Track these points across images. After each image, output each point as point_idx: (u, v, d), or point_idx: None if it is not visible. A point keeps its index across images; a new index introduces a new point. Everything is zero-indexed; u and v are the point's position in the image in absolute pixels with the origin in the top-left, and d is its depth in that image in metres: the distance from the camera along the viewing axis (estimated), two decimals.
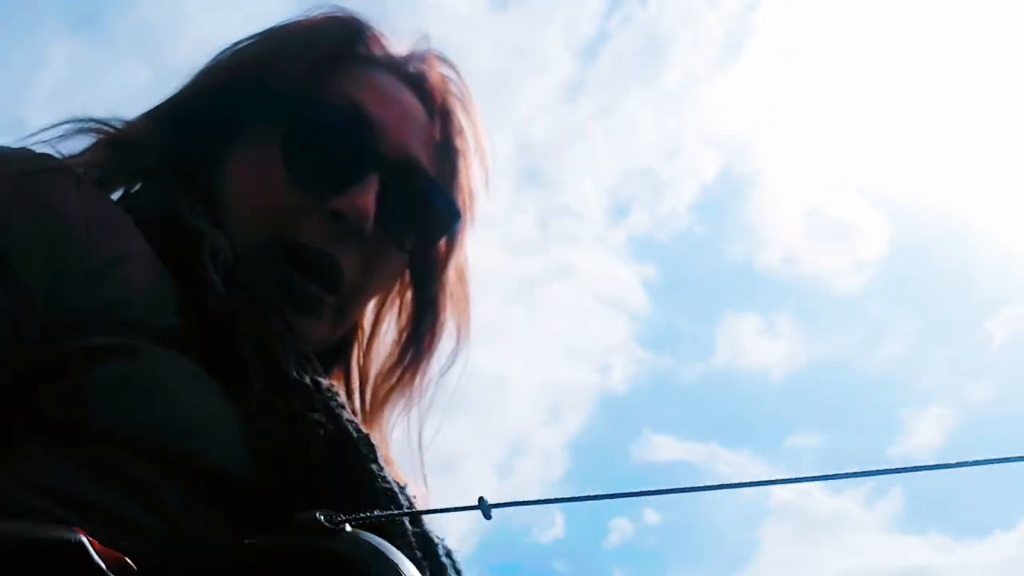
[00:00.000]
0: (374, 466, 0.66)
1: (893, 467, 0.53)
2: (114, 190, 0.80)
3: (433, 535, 0.67)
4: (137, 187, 0.80)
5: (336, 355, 0.88)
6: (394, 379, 0.90)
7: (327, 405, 0.67)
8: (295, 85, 0.80)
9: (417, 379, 0.90)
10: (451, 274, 0.90)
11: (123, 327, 0.62)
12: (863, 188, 12.34)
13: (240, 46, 0.85)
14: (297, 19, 0.85)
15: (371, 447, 0.67)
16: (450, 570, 0.67)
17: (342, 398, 0.69)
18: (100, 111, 0.85)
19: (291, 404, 0.65)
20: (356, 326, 0.89)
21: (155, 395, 0.60)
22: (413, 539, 0.64)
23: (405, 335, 0.91)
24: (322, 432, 0.64)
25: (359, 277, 0.80)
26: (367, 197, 0.78)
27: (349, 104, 0.80)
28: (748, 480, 0.53)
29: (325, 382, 0.70)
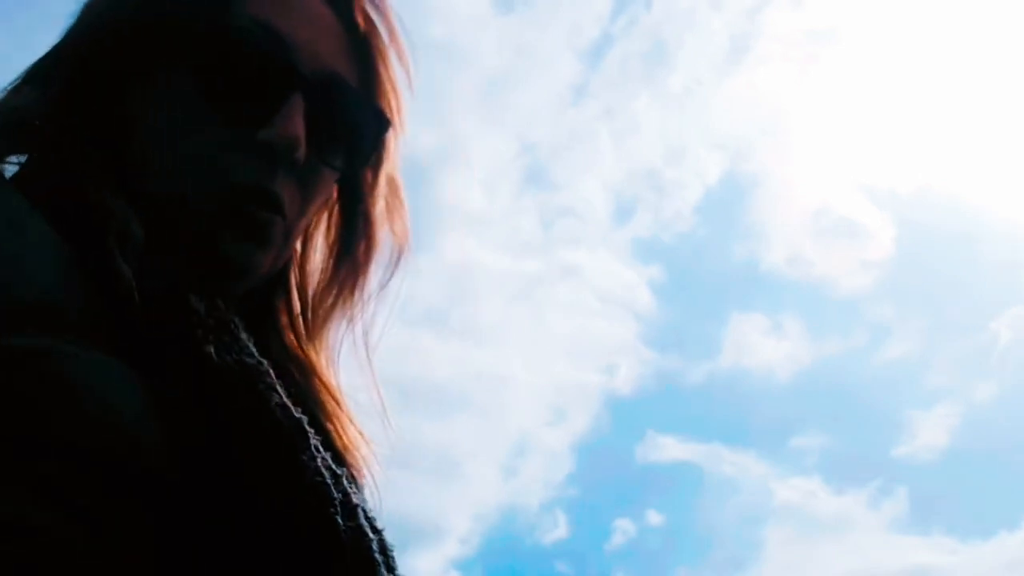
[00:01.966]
0: (304, 456, 0.62)
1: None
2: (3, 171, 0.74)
3: (368, 529, 0.64)
4: (32, 165, 0.74)
5: (276, 284, 0.83)
6: (331, 297, 0.86)
7: (254, 390, 0.64)
8: (198, 15, 0.75)
9: (356, 294, 0.86)
10: (383, 183, 0.86)
11: (35, 326, 0.59)
12: (868, 189, 12.32)
13: None
14: None
15: (303, 434, 0.63)
16: (382, 568, 0.63)
17: (271, 378, 0.66)
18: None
19: (213, 395, 0.62)
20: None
21: (72, 395, 0.57)
22: (345, 534, 0.61)
23: (337, 250, 0.86)
24: (247, 422, 0.62)
25: (295, 204, 0.76)
26: (295, 122, 0.73)
27: (257, 25, 0.75)
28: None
29: (252, 361, 0.66)
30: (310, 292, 0.86)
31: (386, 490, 0.82)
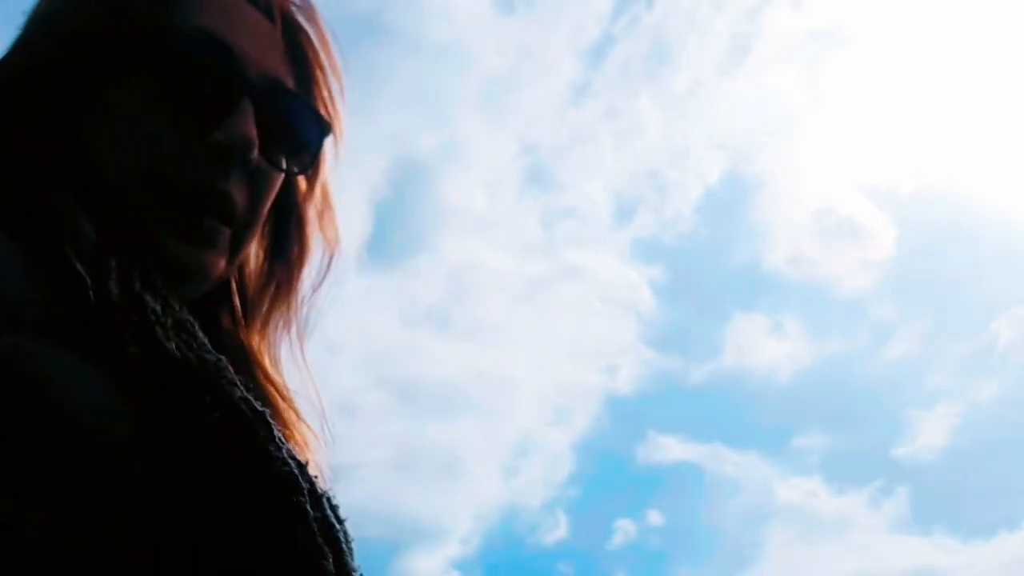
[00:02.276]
0: (271, 447, 0.63)
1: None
2: None
3: (333, 517, 0.65)
4: None
5: (218, 287, 0.83)
6: (268, 299, 0.88)
7: (215, 384, 0.64)
8: (141, 24, 0.76)
9: (291, 296, 0.88)
10: (317, 188, 0.88)
11: (1, 329, 0.59)
12: (870, 189, 12.33)
13: None
14: None
15: (267, 426, 0.64)
16: (348, 556, 0.64)
17: (231, 373, 0.66)
18: None
19: (177, 389, 0.62)
20: None
21: (40, 392, 0.58)
22: (315, 524, 0.62)
23: (271, 253, 0.88)
24: (214, 415, 0.62)
25: (248, 206, 0.78)
26: (247, 124, 0.75)
27: (203, 34, 0.77)
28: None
29: (212, 357, 0.67)
30: (249, 294, 0.88)
31: (387, 491, 0.83)
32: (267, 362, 0.85)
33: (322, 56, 0.85)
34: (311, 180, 0.87)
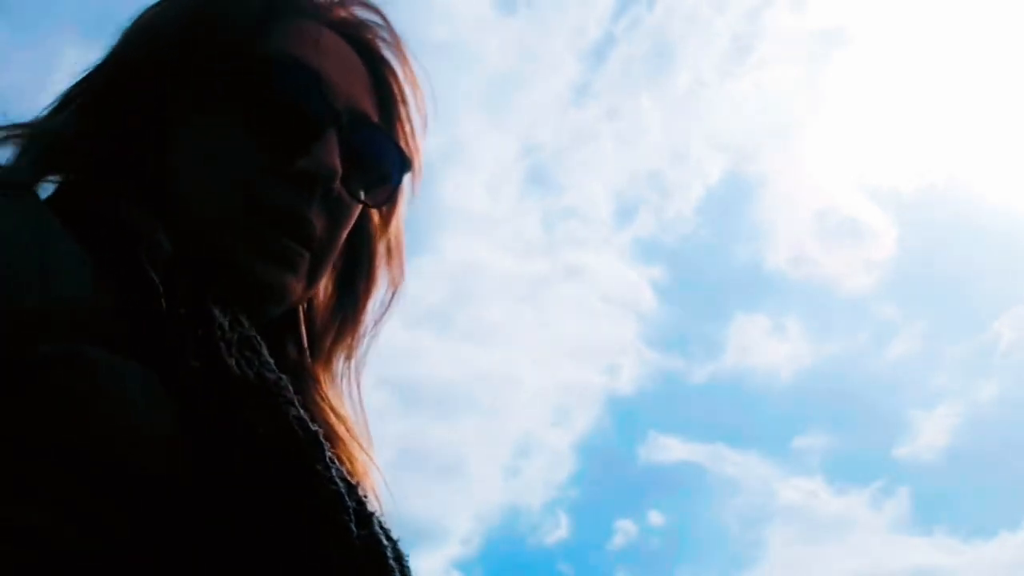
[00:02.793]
0: (319, 466, 0.63)
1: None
2: (37, 192, 0.76)
3: (383, 536, 0.65)
4: (62, 186, 0.76)
5: (290, 318, 0.85)
6: (333, 330, 0.88)
7: (271, 403, 0.64)
8: (240, 46, 0.77)
9: (356, 330, 0.89)
10: (392, 224, 0.89)
11: (64, 336, 0.60)
12: (871, 189, 12.32)
13: (157, 12, 0.82)
14: None
15: (318, 445, 0.64)
16: (394, 573, 0.63)
17: (290, 392, 0.67)
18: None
19: (230, 404, 0.63)
20: None
21: (101, 405, 0.58)
22: (358, 541, 0.62)
23: (339, 284, 0.89)
24: (260, 432, 0.62)
25: (326, 234, 0.79)
26: (332, 155, 0.76)
27: (296, 62, 0.78)
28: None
29: (273, 376, 0.67)
30: (316, 325, 0.88)
31: (389, 491, 0.84)
32: (329, 391, 0.85)
33: (406, 91, 0.86)
34: (386, 215, 0.88)
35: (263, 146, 0.75)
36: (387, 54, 0.85)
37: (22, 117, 0.77)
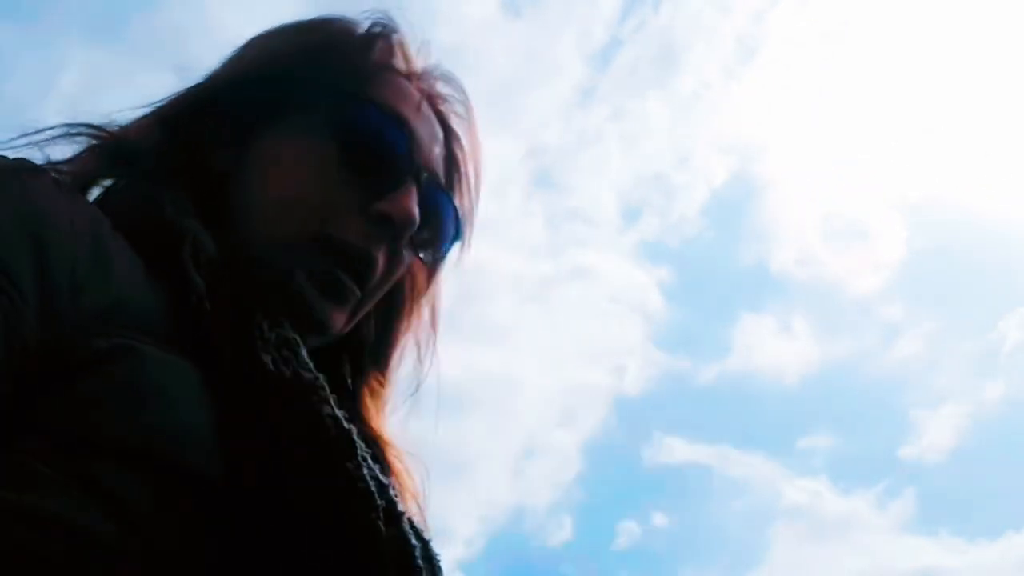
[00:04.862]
0: (350, 464, 0.64)
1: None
2: (93, 192, 0.78)
3: (412, 535, 0.65)
4: (119, 187, 0.78)
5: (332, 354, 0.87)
6: (368, 368, 0.92)
7: (304, 399, 0.66)
8: (346, 84, 0.82)
9: (385, 370, 0.93)
10: (433, 287, 0.93)
11: (117, 330, 0.61)
12: (879, 190, 12.31)
13: (274, 38, 0.87)
14: (337, 18, 0.88)
15: (351, 443, 0.65)
16: (421, 572, 0.63)
17: (326, 392, 0.68)
18: (119, 117, 0.83)
19: (264, 401, 0.64)
20: None
21: (148, 400, 0.60)
22: (386, 539, 0.62)
23: (379, 327, 0.93)
24: (296, 428, 0.63)
25: (381, 277, 0.82)
26: (412, 204, 0.80)
27: (392, 112, 0.82)
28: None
29: (310, 376, 0.68)
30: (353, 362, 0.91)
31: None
32: (375, 417, 0.89)
33: (471, 168, 0.91)
34: (431, 273, 0.92)
35: (349, 182, 0.79)
36: (459, 131, 0.90)
37: (29, 116, 0.79)
